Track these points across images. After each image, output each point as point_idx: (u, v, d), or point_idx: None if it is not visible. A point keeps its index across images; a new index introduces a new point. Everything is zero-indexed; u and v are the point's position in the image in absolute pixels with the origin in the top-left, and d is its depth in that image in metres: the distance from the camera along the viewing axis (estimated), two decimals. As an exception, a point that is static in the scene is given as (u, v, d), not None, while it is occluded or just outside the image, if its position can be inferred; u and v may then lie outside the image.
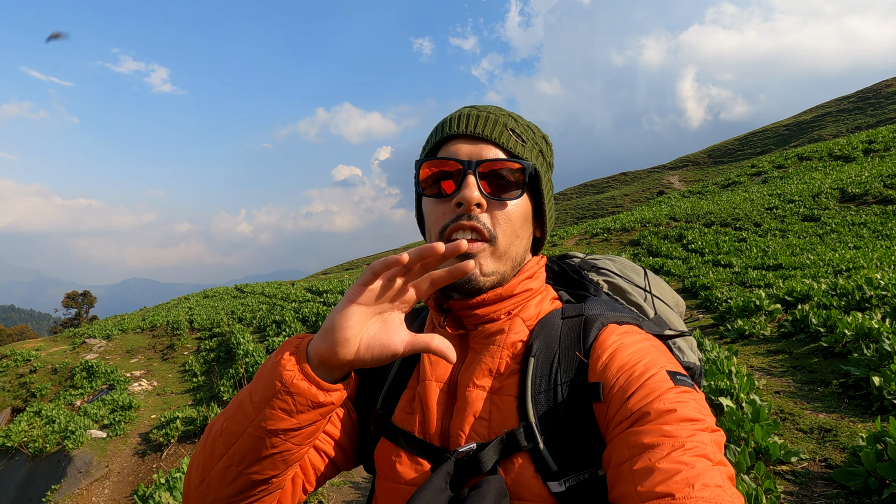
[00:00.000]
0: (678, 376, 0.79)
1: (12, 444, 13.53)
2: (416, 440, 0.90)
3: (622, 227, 21.76)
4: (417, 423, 0.92)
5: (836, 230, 16.56)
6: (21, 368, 19.36)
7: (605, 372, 0.82)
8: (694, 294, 11.30)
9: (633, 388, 0.77)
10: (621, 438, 0.73)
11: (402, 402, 0.97)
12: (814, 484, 3.14)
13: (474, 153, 0.91)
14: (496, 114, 0.95)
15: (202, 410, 12.15)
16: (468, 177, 0.88)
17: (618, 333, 0.88)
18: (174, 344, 20.03)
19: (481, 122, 0.92)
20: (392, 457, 0.91)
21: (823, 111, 60.94)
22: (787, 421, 4.04)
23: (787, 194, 22.19)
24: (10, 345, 25.57)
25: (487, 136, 0.91)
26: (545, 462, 0.80)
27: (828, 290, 7.87)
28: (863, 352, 4.69)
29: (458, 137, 0.93)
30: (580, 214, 49.77)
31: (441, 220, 0.90)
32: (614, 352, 0.84)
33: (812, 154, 32.23)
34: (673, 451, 0.67)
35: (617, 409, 0.77)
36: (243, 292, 30.22)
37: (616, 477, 0.71)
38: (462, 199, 0.87)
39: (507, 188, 0.91)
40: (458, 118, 0.94)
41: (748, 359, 5.90)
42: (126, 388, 15.78)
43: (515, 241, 0.92)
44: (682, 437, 0.69)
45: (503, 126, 0.93)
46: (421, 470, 0.88)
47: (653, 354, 0.83)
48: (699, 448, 0.68)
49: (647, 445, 0.69)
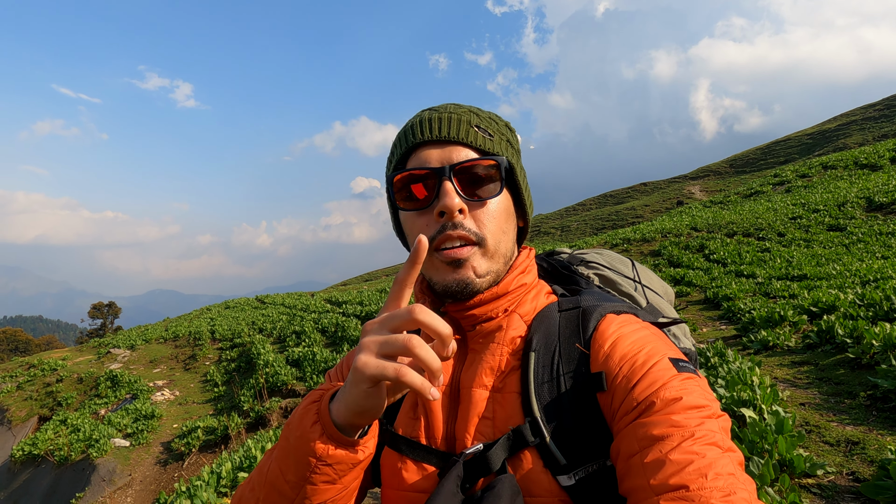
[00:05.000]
0: (680, 363, 0.79)
1: (38, 452, 13.79)
2: (420, 446, 0.89)
3: (642, 237, 21.53)
4: (422, 429, 0.90)
5: (863, 240, 16.21)
6: (48, 378, 19.75)
7: (607, 361, 0.81)
8: (716, 305, 11.10)
9: (637, 376, 0.77)
10: (629, 430, 0.73)
11: (405, 408, 0.95)
12: (840, 498, 3.06)
13: (445, 158, 0.88)
14: (457, 113, 0.92)
15: (223, 420, 12.27)
16: (444, 184, 0.85)
17: (617, 323, 0.88)
18: (196, 354, 20.28)
19: (445, 125, 0.90)
20: (397, 465, 0.90)
21: (848, 119, 59.90)
22: (812, 433, 3.94)
23: (812, 203, 21.79)
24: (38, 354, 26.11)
25: (455, 138, 0.89)
26: (553, 456, 0.79)
27: (854, 300, 7.70)
28: (891, 363, 4.57)
29: (425, 144, 0.90)
30: (599, 225, 49.42)
31: (426, 233, 0.87)
32: (615, 341, 0.84)
33: (837, 163, 31.65)
34: (683, 442, 0.67)
35: (622, 398, 0.76)
36: (264, 303, 30.51)
37: (626, 469, 0.71)
38: (444, 208, 0.85)
39: (486, 187, 0.89)
40: (421, 124, 0.91)
41: (772, 370, 5.79)
42: (149, 398, 16.00)
43: (503, 238, 0.91)
44: (691, 426, 0.69)
45: (468, 124, 0.91)
46: (427, 476, 0.86)
47: (654, 342, 0.83)
48: (708, 436, 0.68)
49: (657, 437, 0.69)
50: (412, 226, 0.91)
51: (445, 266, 0.86)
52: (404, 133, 0.93)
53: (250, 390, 14.01)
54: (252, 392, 13.77)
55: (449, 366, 0.93)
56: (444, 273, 0.87)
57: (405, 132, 0.93)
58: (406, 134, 0.92)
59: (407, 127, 0.93)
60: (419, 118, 0.93)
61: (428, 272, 0.91)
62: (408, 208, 0.90)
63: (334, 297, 26.94)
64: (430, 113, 0.92)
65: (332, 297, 27.55)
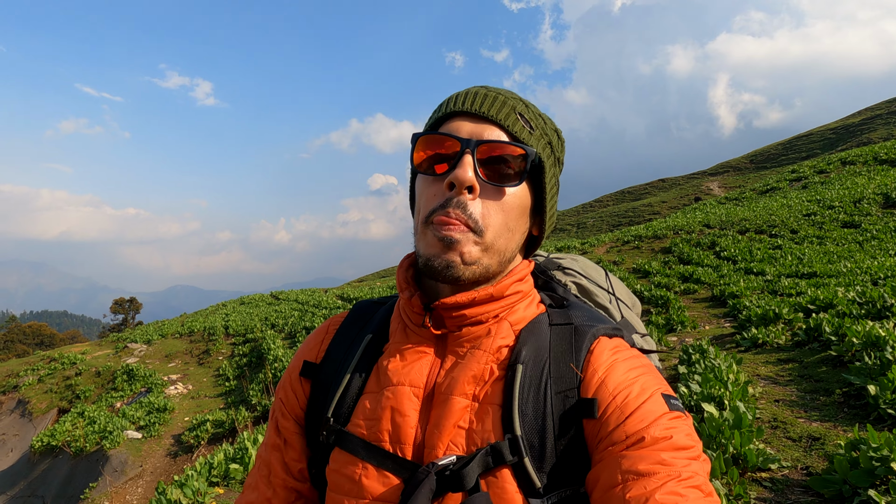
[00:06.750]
0: (671, 400, 0.78)
1: (56, 444, 14.20)
2: (385, 452, 0.82)
3: (654, 234, 21.38)
4: (387, 433, 0.83)
5: (878, 237, 15.92)
6: (67, 371, 20.29)
7: (601, 389, 0.79)
8: (722, 303, 11.04)
9: (629, 409, 0.75)
10: (613, 461, 0.71)
11: (363, 409, 0.87)
12: (790, 491, 3.11)
13: (475, 132, 0.84)
14: (506, 95, 0.88)
15: (231, 414, 12.54)
16: (465, 156, 0.81)
17: (611, 349, 0.85)
18: (210, 349, 20.67)
19: (488, 101, 0.85)
20: (353, 470, 0.83)
21: (873, 113, 58.60)
22: (777, 429, 3.98)
23: (827, 200, 21.43)
24: (59, 348, 26.78)
25: (492, 117, 0.84)
26: (529, 478, 0.75)
27: (855, 298, 7.64)
28: (864, 360, 4.57)
29: (462, 115, 0.86)
30: (616, 222, 49.07)
31: (430, 203, 0.83)
32: (610, 368, 0.81)
33: (856, 158, 31.02)
34: (669, 482, 0.67)
35: (611, 430, 0.75)
36: (278, 299, 30.92)
37: (604, 500, 0.70)
38: (454, 180, 0.81)
39: (506, 174, 0.84)
40: (465, 95, 0.87)
41: (757, 367, 5.80)
42: (163, 391, 16.37)
43: (506, 234, 0.85)
44: (678, 466, 0.69)
45: (511, 109, 0.86)
46: (390, 485, 0.80)
47: (647, 374, 0.82)
48: (694, 479, 0.68)
49: (642, 472, 0.68)
50: (422, 191, 0.87)
51: (436, 241, 0.81)
52: (447, 100, 0.90)
53: (259, 385, 14.29)
54: (261, 386, 14.04)
55: (426, 366, 0.87)
56: (433, 247, 0.82)
57: (448, 99, 0.90)
58: (448, 101, 0.89)
59: (452, 95, 0.90)
60: (467, 90, 0.89)
61: (418, 244, 0.86)
62: (423, 171, 0.87)
63: (346, 294, 27.22)
64: (481, 88, 0.89)
65: (345, 293, 27.84)
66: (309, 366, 0.99)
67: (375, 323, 0.98)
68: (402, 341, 0.90)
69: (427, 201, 0.84)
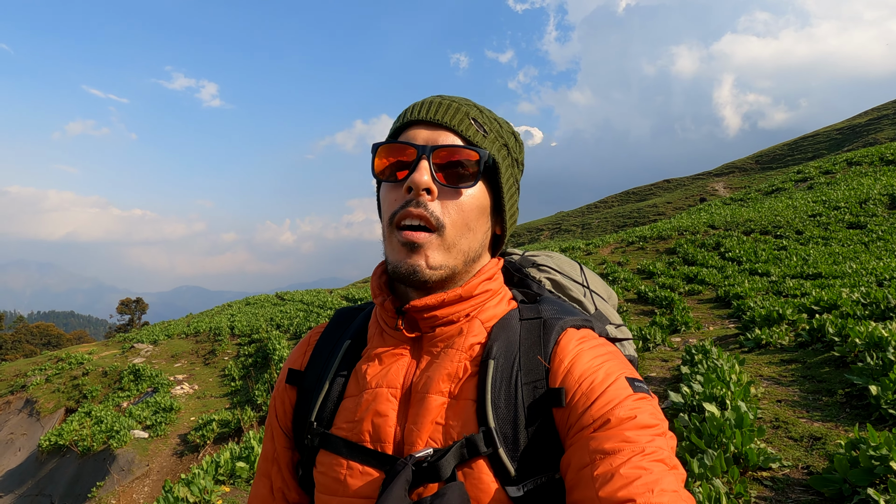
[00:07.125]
0: (636, 382, 0.82)
1: (64, 443, 14.31)
2: (366, 450, 0.86)
3: (658, 235, 21.37)
4: (368, 433, 0.87)
5: (883, 238, 15.89)
6: (75, 371, 20.45)
7: (567, 378, 0.82)
8: (727, 304, 11.04)
9: (595, 394, 0.78)
10: (582, 443, 0.75)
11: (345, 411, 0.91)
12: (791, 490, 3.14)
13: (431, 139, 0.88)
14: (460, 102, 0.93)
15: (236, 413, 12.61)
16: (421, 161, 0.86)
17: (577, 339, 0.88)
18: (215, 349, 20.79)
19: (442, 109, 0.90)
20: (336, 469, 0.87)
21: (880, 114, 58.28)
22: (779, 429, 4.01)
23: (833, 201, 21.38)
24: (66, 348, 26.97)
25: (446, 123, 0.89)
26: (504, 467, 0.79)
27: (859, 299, 7.65)
28: (867, 361, 4.59)
29: (419, 123, 0.90)
30: (621, 223, 48.96)
31: (392, 207, 0.88)
32: (575, 357, 0.85)
33: (862, 159, 30.90)
34: (633, 457, 0.70)
35: (579, 415, 0.78)
36: (283, 300, 31.03)
37: (576, 481, 0.73)
38: (412, 183, 0.85)
39: (462, 177, 0.88)
40: (422, 105, 0.92)
41: (760, 368, 5.82)
42: (169, 391, 16.48)
43: (467, 234, 0.89)
44: (642, 442, 0.71)
45: (464, 115, 0.91)
46: (373, 481, 0.84)
47: (611, 360, 0.85)
48: (657, 453, 0.71)
49: (608, 451, 0.71)
50: (384, 197, 0.91)
51: (401, 247, 0.85)
52: (405, 111, 0.94)
53: (264, 384, 14.36)
54: (266, 386, 14.12)
55: (403, 367, 0.91)
56: (399, 254, 0.86)
57: (406, 110, 0.94)
58: (406, 111, 0.93)
59: (410, 105, 0.95)
60: (423, 100, 0.94)
61: (386, 250, 0.91)
62: (384, 179, 0.92)
63: (351, 295, 27.30)
64: (435, 97, 0.94)
65: (349, 294, 27.92)
66: (294, 373, 1.04)
67: (354, 329, 1.03)
68: (380, 345, 0.94)
69: (389, 205, 0.88)
